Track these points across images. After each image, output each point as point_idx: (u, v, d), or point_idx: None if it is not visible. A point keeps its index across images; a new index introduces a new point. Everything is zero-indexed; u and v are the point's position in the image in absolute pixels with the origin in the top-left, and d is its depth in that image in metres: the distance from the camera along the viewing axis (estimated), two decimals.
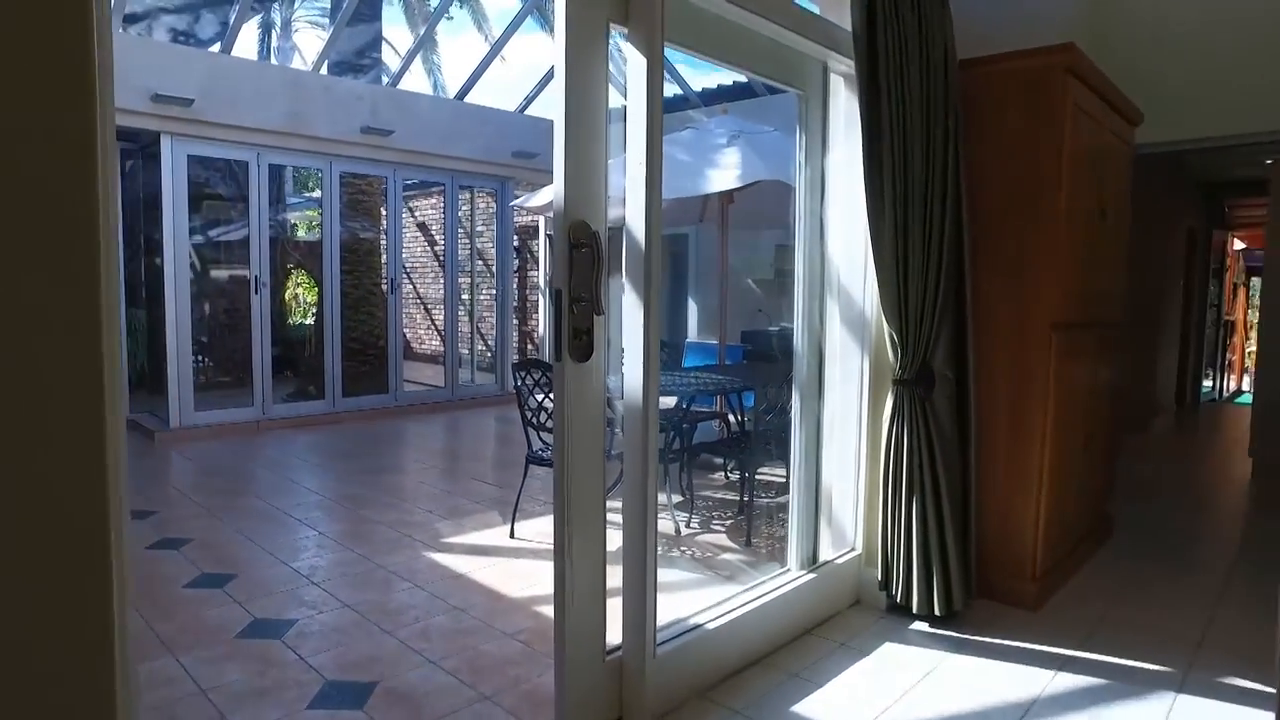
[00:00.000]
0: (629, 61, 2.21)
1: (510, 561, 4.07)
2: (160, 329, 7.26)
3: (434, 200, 13.19)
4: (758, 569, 3.99)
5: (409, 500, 5.21)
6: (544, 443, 4.53)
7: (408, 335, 13.46)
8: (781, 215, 7.15)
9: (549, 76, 10.16)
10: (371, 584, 3.72)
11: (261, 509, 4.94)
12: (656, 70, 2.17)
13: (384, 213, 9.43)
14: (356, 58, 10.25)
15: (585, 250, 2.10)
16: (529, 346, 11.69)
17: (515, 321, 10.28)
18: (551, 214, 1.99)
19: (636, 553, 2.31)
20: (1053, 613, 3.37)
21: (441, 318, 13.31)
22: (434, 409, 9.04)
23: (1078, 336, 3.49)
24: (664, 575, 3.14)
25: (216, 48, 8.29)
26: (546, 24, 12.46)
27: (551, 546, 2.20)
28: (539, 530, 4.56)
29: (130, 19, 7.79)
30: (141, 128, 6.91)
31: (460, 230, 9.56)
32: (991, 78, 3.17)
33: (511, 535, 4.45)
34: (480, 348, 12.00)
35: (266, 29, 13.17)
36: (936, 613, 3.10)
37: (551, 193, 6.19)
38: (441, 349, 13.01)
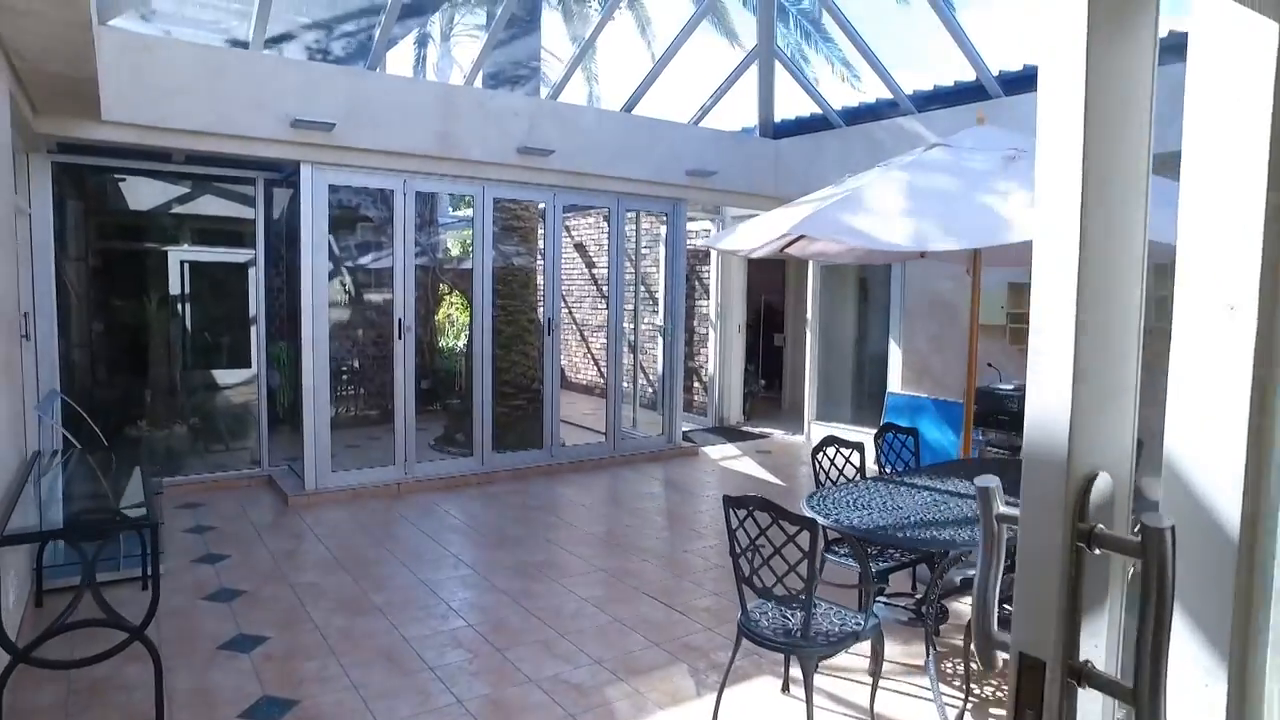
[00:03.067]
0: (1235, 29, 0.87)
1: None
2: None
3: (591, 219, 12.22)
4: None
5: (570, 632, 4.04)
6: (760, 599, 3.22)
7: (562, 364, 12.55)
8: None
9: (729, 83, 8.84)
10: None
11: (389, 644, 3.90)
12: None
13: (540, 238, 8.43)
14: (514, 68, 9.33)
15: (1102, 555, 0.78)
16: (695, 385, 10.45)
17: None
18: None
19: None
20: None
21: (599, 346, 12.32)
22: (594, 467, 7.92)
23: None
24: None
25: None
26: (723, 29, 11.20)
27: None
28: (747, 711, 3.27)
29: (273, 40, 7.10)
30: (280, 157, 6.16)
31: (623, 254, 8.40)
32: None
33: None
34: (641, 382, 10.90)
35: (422, 43, 12.57)
36: None
37: (758, 234, 4.61)
38: (599, 380, 12.00)
